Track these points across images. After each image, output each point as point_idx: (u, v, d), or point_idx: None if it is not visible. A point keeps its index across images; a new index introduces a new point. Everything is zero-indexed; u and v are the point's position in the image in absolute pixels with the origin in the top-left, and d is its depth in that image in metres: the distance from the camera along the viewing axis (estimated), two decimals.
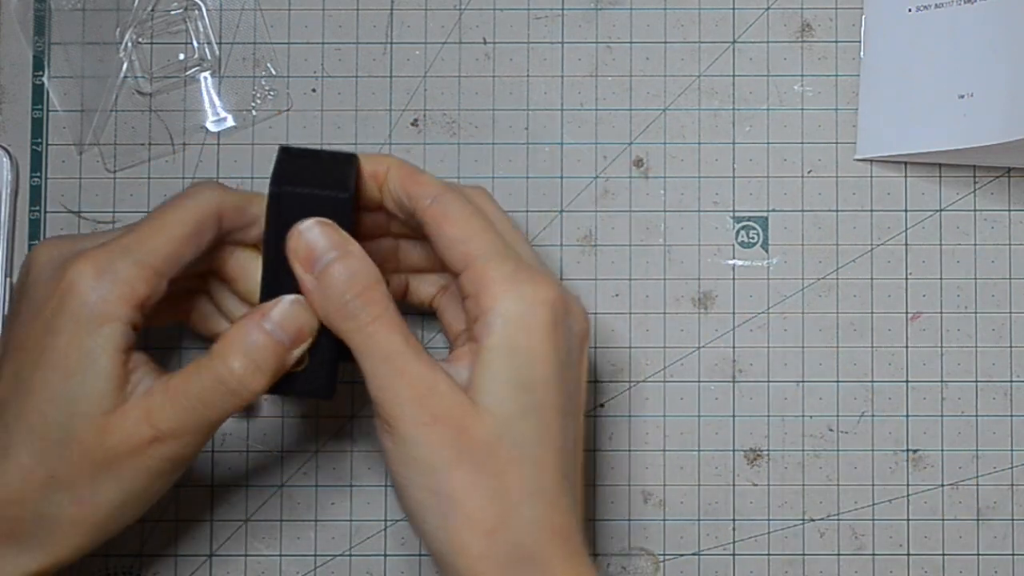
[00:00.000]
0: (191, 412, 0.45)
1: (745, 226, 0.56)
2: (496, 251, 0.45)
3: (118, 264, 0.45)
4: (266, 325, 0.45)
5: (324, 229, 0.45)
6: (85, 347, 0.44)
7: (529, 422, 0.44)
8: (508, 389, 0.44)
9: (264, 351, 0.45)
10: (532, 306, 0.44)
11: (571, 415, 0.46)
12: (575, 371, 0.46)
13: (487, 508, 0.43)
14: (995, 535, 0.56)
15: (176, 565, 0.55)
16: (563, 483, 0.45)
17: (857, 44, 0.57)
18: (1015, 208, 0.56)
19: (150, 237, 0.45)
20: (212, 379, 0.45)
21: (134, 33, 0.57)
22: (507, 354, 0.44)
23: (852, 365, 0.56)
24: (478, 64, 0.57)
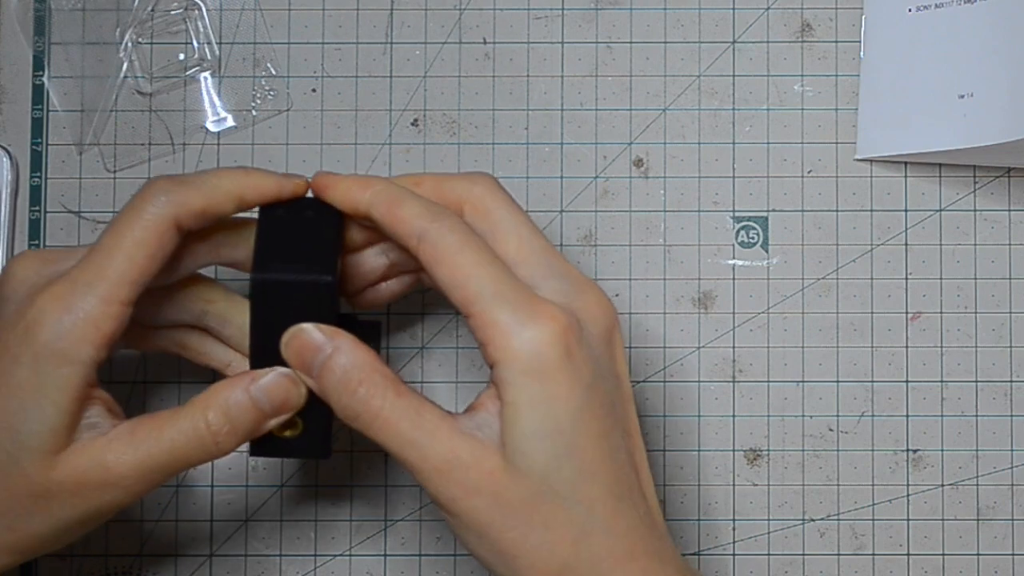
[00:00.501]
0: (153, 459, 0.44)
1: (745, 226, 0.56)
2: (493, 292, 0.43)
3: (81, 302, 0.44)
4: (252, 389, 0.45)
5: (305, 337, 0.45)
6: (42, 385, 0.44)
7: (565, 467, 0.43)
8: (536, 441, 0.43)
9: (243, 413, 0.45)
10: (540, 350, 0.43)
11: (614, 432, 0.45)
12: (606, 380, 0.45)
13: (545, 555, 0.43)
14: (995, 535, 0.56)
15: (176, 565, 0.55)
16: (618, 507, 0.44)
17: (857, 44, 0.57)
18: (1015, 208, 0.56)
19: (110, 265, 0.44)
20: (186, 427, 0.44)
21: (134, 33, 0.57)
22: (527, 407, 0.43)
23: (852, 365, 0.56)
24: (478, 64, 0.57)
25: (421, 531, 0.56)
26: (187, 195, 0.45)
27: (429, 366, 0.56)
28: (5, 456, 0.44)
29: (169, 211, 0.45)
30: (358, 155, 0.56)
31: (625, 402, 0.46)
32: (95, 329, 0.44)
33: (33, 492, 0.44)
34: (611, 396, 0.45)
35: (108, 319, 0.44)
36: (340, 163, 0.56)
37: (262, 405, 0.45)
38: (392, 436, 0.44)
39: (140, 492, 0.45)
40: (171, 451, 0.44)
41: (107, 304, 0.44)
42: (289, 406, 0.46)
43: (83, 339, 0.44)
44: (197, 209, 0.45)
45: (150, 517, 0.55)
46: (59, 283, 0.44)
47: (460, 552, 0.56)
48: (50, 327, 0.44)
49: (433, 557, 0.56)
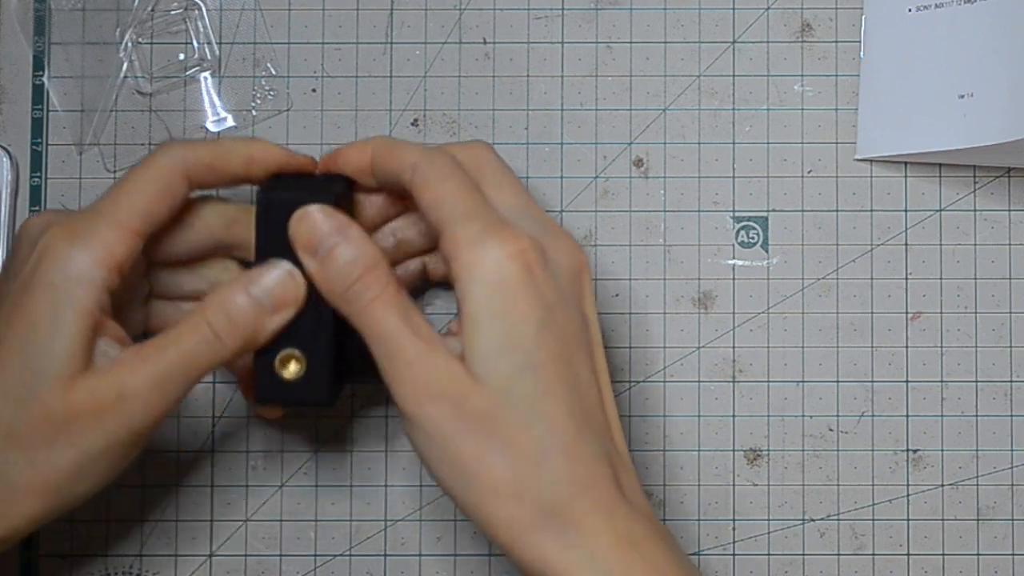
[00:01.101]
0: (164, 369, 0.45)
1: (745, 226, 0.56)
2: (465, 211, 0.44)
3: (92, 225, 0.45)
4: (250, 288, 0.46)
5: (327, 214, 0.46)
6: (56, 307, 0.44)
7: (525, 381, 0.43)
8: (495, 353, 0.43)
9: (243, 311, 0.46)
10: (500, 263, 0.43)
11: (577, 359, 0.45)
12: (571, 311, 0.45)
13: (504, 474, 0.43)
14: (995, 535, 0.56)
15: (176, 565, 0.55)
16: (581, 432, 0.44)
17: (857, 44, 0.57)
18: (1015, 208, 0.56)
19: (122, 199, 0.46)
20: (190, 334, 0.45)
21: (134, 33, 0.57)
22: (487, 319, 0.43)
23: (852, 365, 0.56)
24: (478, 64, 0.57)
25: (421, 531, 0.56)
26: (196, 148, 0.48)
27: None
28: (22, 386, 0.44)
29: (178, 160, 0.47)
30: None
31: (593, 344, 0.46)
32: (105, 250, 0.45)
33: (53, 420, 0.44)
34: (576, 328, 0.45)
35: (118, 242, 0.45)
36: None
37: (261, 300, 0.46)
38: (380, 324, 0.44)
39: (158, 408, 0.45)
40: (180, 359, 0.45)
41: (116, 228, 0.45)
42: (288, 300, 0.46)
43: (93, 261, 0.45)
44: (206, 160, 0.48)
45: (150, 517, 0.55)
46: (69, 217, 0.46)
47: (460, 552, 0.56)
48: (60, 253, 0.45)
49: (433, 557, 0.56)
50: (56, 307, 0.44)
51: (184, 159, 0.47)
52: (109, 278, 0.45)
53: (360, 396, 0.56)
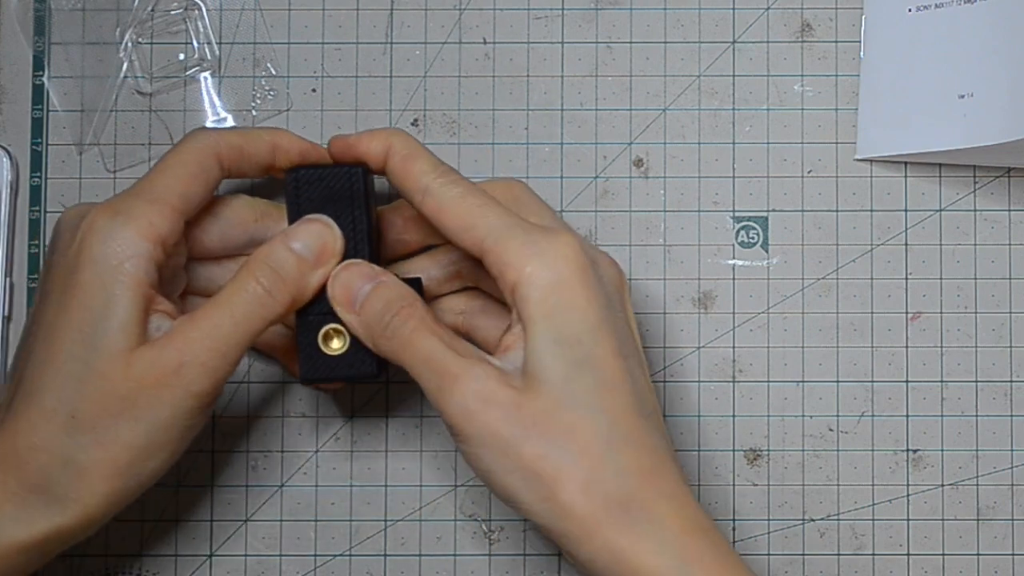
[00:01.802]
0: (219, 331, 0.45)
1: (745, 226, 0.56)
2: (503, 225, 0.45)
3: (133, 204, 0.46)
4: (290, 243, 0.47)
5: (355, 268, 0.47)
6: (106, 283, 0.45)
7: (585, 375, 0.44)
8: (555, 349, 0.44)
9: (288, 264, 0.46)
10: (556, 262, 0.44)
11: (631, 356, 0.45)
12: (621, 315, 0.46)
13: (571, 470, 0.43)
14: (995, 535, 0.56)
15: (176, 565, 0.55)
16: (643, 424, 0.44)
17: (857, 44, 0.57)
18: (1015, 208, 0.56)
19: (158, 179, 0.47)
20: (239, 293, 0.46)
21: (134, 33, 0.57)
22: (546, 316, 0.44)
23: (852, 365, 0.56)
24: (478, 64, 0.57)
25: (421, 531, 0.56)
26: (225, 132, 0.49)
27: None
28: (82, 365, 0.44)
29: (209, 142, 0.48)
30: None
31: (637, 346, 0.46)
32: (148, 224, 0.45)
33: (116, 395, 0.44)
34: (624, 331, 0.45)
35: (160, 217, 0.46)
36: None
37: (303, 253, 0.47)
38: (422, 352, 0.45)
39: (218, 371, 0.45)
40: (233, 319, 0.45)
41: (156, 204, 0.46)
42: (328, 252, 0.47)
43: (137, 234, 0.45)
44: (236, 143, 0.48)
45: (150, 517, 0.55)
46: (107, 200, 0.47)
47: (460, 552, 0.56)
48: (104, 230, 0.45)
49: (433, 557, 0.56)
50: (106, 283, 0.45)
51: (216, 142, 0.48)
52: (155, 251, 0.45)
53: (360, 396, 0.56)
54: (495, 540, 0.56)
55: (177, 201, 0.46)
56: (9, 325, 0.56)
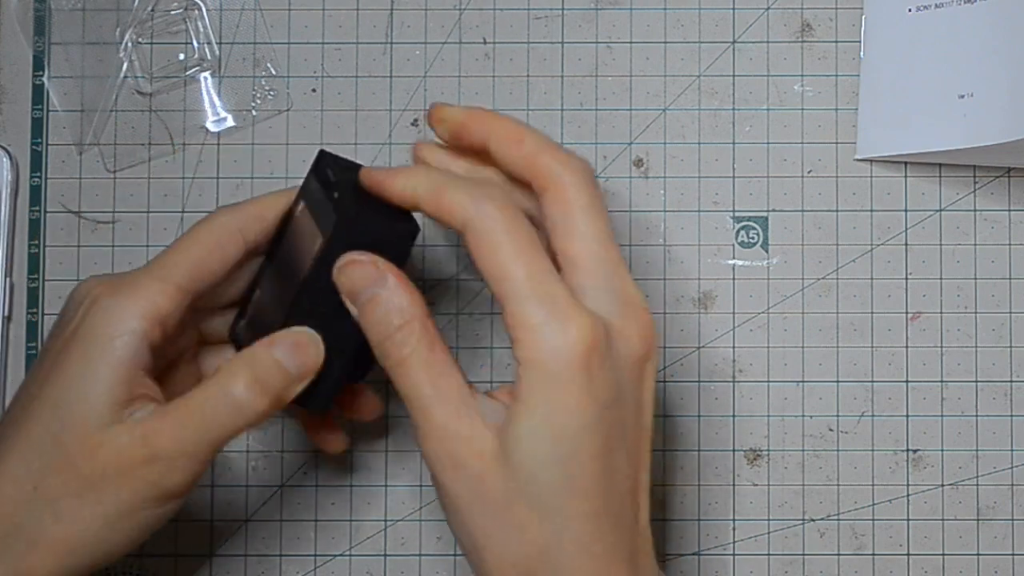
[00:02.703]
0: (189, 430, 0.44)
1: (745, 226, 0.56)
2: (528, 290, 0.42)
3: (137, 282, 0.45)
4: (275, 352, 0.45)
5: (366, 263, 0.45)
6: (93, 359, 0.44)
7: (554, 473, 0.42)
8: (535, 442, 0.42)
9: (271, 375, 0.45)
10: (558, 354, 0.42)
11: (619, 451, 0.44)
12: (627, 402, 0.44)
13: (512, 556, 0.43)
14: (995, 535, 0.56)
15: (176, 565, 0.55)
16: (599, 529, 0.43)
17: (857, 44, 0.57)
18: (1015, 208, 0.56)
19: (171, 257, 0.46)
20: (215, 395, 0.44)
21: (134, 33, 0.57)
22: (538, 407, 0.42)
23: (852, 365, 0.56)
24: (478, 64, 0.57)
25: (421, 531, 0.56)
26: (247, 206, 0.48)
27: None
28: (51, 439, 0.44)
29: (231, 220, 0.47)
30: (358, 155, 0.56)
31: (642, 432, 0.44)
32: (147, 302, 0.45)
33: (80, 475, 0.44)
34: (627, 422, 0.44)
35: (161, 295, 0.45)
36: None
37: (287, 365, 0.45)
38: (409, 385, 0.44)
39: (186, 470, 0.44)
40: (204, 420, 0.44)
41: (160, 282, 0.45)
42: (309, 368, 0.46)
43: (133, 312, 0.45)
44: (254, 214, 0.48)
45: None
46: (119, 276, 0.46)
47: (460, 552, 0.55)
48: (102, 307, 0.45)
49: (433, 557, 0.56)
50: (92, 359, 0.44)
51: (237, 218, 0.47)
52: (150, 331, 0.45)
53: None
54: None
55: (185, 280, 0.46)
56: (9, 325, 0.56)
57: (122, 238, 0.56)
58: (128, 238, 0.56)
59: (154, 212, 0.56)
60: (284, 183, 0.56)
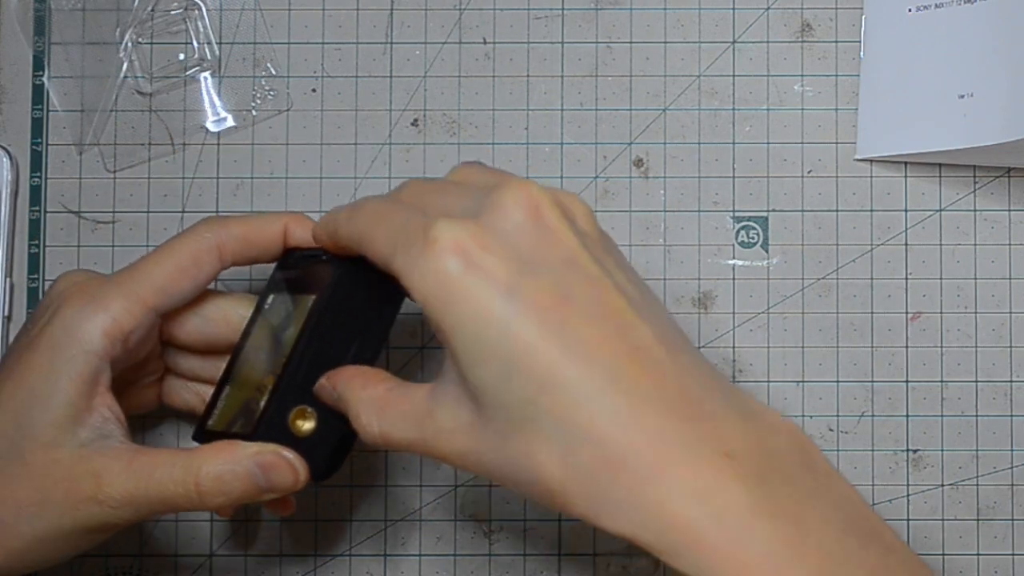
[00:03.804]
0: (142, 493, 0.44)
1: (745, 226, 0.56)
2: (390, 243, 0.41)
3: (105, 293, 0.45)
4: (249, 463, 0.44)
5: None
6: (52, 370, 0.44)
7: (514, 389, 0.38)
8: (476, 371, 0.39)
9: (237, 482, 0.44)
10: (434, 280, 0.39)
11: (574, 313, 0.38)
12: (544, 266, 0.39)
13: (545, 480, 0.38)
14: (995, 535, 0.56)
15: (176, 565, 0.55)
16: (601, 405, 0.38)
17: (857, 44, 0.57)
18: (1015, 208, 0.56)
19: (144, 270, 0.46)
20: (177, 476, 0.44)
21: (134, 33, 0.57)
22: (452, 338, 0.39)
23: (852, 365, 0.56)
24: (478, 64, 0.57)
25: (421, 531, 0.56)
26: (232, 223, 0.47)
27: (429, 366, 0.56)
28: (8, 444, 0.44)
29: (210, 237, 0.47)
30: (358, 155, 0.57)
31: (596, 280, 0.39)
32: (112, 320, 0.45)
33: (30, 484, 0.44)
34: (560, 281, 0.39)
35: (127, 314, 0.45)
36: (340, 163, 0.56)
37: (258, 480, 0.44)
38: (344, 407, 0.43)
39: (127, 519, 0.44)
40: (159, 492, 0.44)
41: (129, 300, 0.45)
42: (284, 487, 0.45)
43: (98, 328, 0.45)
44: (238, 234, 0.47)
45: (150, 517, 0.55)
46: (91, 280, 0.46)
47: (460, 552, 0.56)
48: (69, 313, 0.45)
49: (433, 557, 0.56)
50: (54, 371, 0.44)
51: (218, 236, 0.47)
52: (113, 348, 0.45)
53: None
54: (495, 540, 0.56)
55: (153, 297, 0.46)
56: (9, 325, 0.56)
57: (122, 238, 0.56)
58: (128, 238, 0.56)
59: (154, 212, 0.56)
60: (284, 183, 0.56)
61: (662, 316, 0.41)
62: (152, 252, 0.47)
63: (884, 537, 0.39)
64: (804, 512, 0.37)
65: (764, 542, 0.36)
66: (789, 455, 0.39)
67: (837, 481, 0.39)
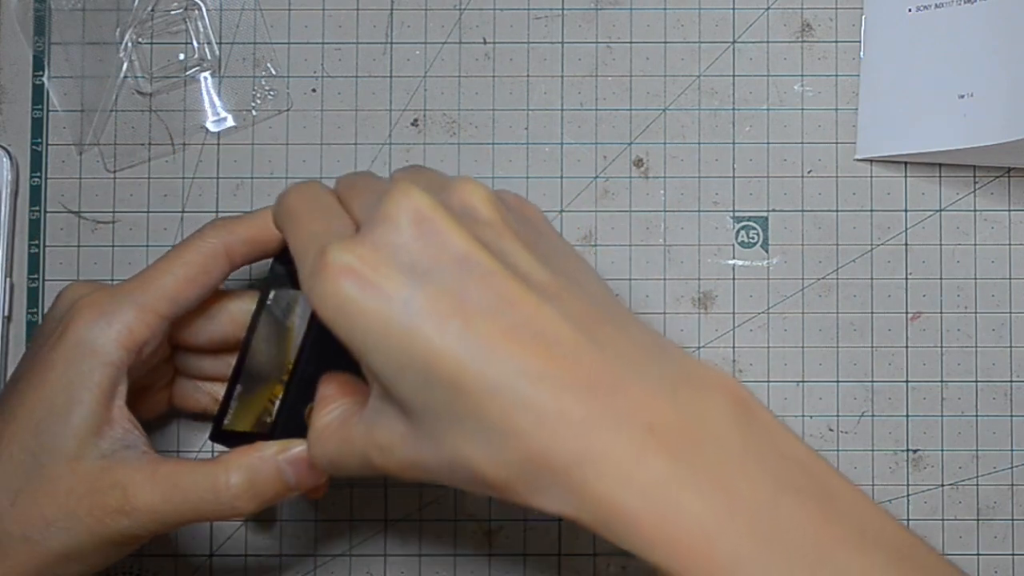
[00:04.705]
0: (169, 503, 0.44)
1: (745, 226, 0.56)
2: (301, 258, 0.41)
3: (118, 305, 0.45)
4: (279, 460, 0.45)
5: None
6: (70, 384, 0.44)
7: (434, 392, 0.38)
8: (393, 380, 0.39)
9: (267, 482, 0.44)
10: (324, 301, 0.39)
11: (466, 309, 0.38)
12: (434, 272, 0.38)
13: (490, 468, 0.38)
14: (995, 535, 0.56)
15: (176, 565, 0.55)
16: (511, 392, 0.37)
17: (857, 44, 0.57)
18: (1015, 208, 0.56)
19: (154, 279, 0.46)
20: (205, 482, 0.44)
21: (134, 33, 0.57)
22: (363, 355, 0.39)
23: (852, 365, 0.56)
24: (478, 64, 0.57)
25: (421, 531, 0.56)
26: (235, 224, 0.48)
27: None
28: (31, 459, 0.44)
29: (218, 239, 0.47)
30: (358, 155, 0.57)
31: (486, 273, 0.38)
32: (127, 331, 0.45)
33: (55, 499, 0.44)
34: (454, 282, 0.38)
35: (141, 325, 0.45)
36: (340, 163, 0.56)
37: (287, 477, 0.45)
38: None
39: (155, 530, 0.44)
40: (186, 501, 0.44)
41: (142, 311, 0.45)
42: (312, 482, 0.45)
43: (113, 340, 0.45)
44: (244, 236, 0.47)
45: None
46: (100, 292, 0.46)
47: (460, 552, 0.56)
48: (83, 327, 0.45)
49: (433, 557, 0.56)
50: (72, 384, 0.44)
51: (223, 240, 0.47)
52: (128, 358, 0.45)
53: None
54: (495, 540, 0.56)
55: (165, 307, 0.46)
56: (9, 325, 0.56)
57: (122, 238, 0.56)
58: (128, 238, 0.56)
59: (154, 212, 0.56)
60: (284, 183, 0.56)
61: (582, 294, 0.40)
62: (160, 260, 0.47)
63: (827, 486, 0.38)
64: (733, 476, 0.37)
65: (691, 514, 0.36)
66: (720, 418, 0.38)
67: (778, 433, 0.38)
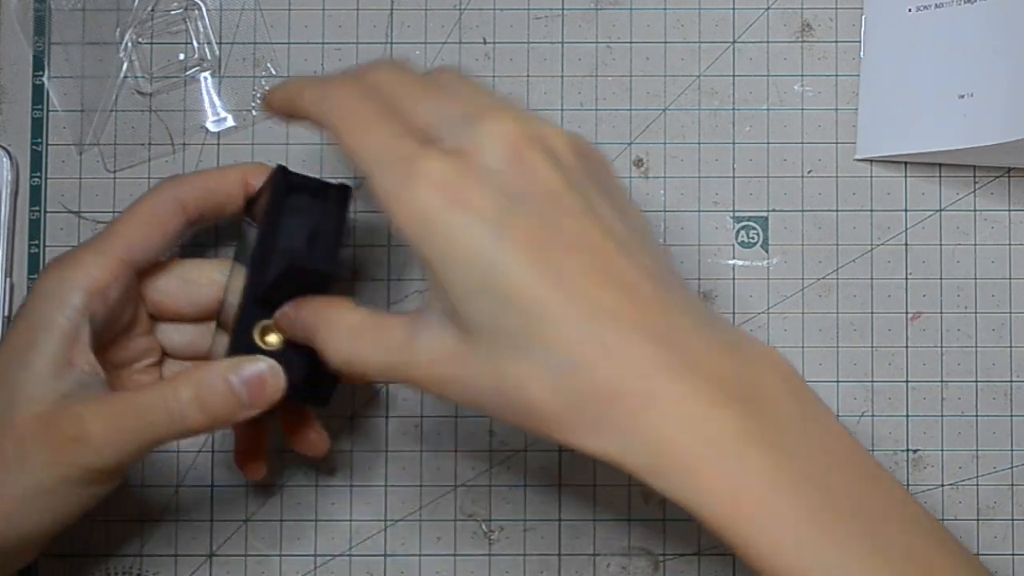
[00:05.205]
0: (122, 422, 0.44)
1: (745, 226, 0.56)
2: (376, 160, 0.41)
3: (79, 254, 0.47)
4: (231, 377, 0.45)
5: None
6: (35, 329, 0.45)
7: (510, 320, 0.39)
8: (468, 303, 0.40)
9: (216, 397, 0.45)
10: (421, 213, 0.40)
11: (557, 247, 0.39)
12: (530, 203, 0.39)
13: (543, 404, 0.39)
14: (995, 535, 0.56)
15: (176, 565, 0.55)
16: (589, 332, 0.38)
17: (857, 44, 0.57)
18: (1015, 208, 0.56)
19: (110, 230, 0.48)
20: (156, 400, 0.45)
21: (134, 33, 0.57)
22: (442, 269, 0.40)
23: (852, 365, 0.56)
24: (478, 64, 0.57)
25: (421, 531, 0.56)
26: (192, 177, 0.50)
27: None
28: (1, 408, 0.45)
29: (172, 190, 0.49)
30: None
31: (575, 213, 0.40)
32: (87, 276, 0.46)
33: (16, 442, 0.44)
34: (544, 216, 0.39)
35: (101, 269, 0.46)
36: (340, 163, 0.56)
37: (239, 393, 0.45)
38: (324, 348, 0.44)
39: (112, 458, 0.44)
40: (139, 418, 0.44)
41: (100, 255, 0.47)
42: (265, 400, 0.46)
43: (75, 285, 0.46)
44: (199, 186, 0.49)
45: (150, 517, 0.55)
46: (66, 251, 0.48)
47: (460, 552, 0.56)
48: (47, 279, 0.47)
49: (433, 557, 0.56)
50: (35, 329, 0.46)
51: (179, 189, 0.49)
52: (91, 303, 0.46)
53: (360, 396, 0.56)
54: (495, 540, 0.56)
55: (125, 252, 0.47)
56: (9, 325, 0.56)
57: None
58: None
59: None
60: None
61: (650, 251, 0.41)
62: (118, 217, 0.48)
63: (868, 467, 0.40)
64: (791, 441, 0.39)
65: (754, 470, 0.38)
66: (777, 386, 0.40)
67: (824, 413, 0.41)
